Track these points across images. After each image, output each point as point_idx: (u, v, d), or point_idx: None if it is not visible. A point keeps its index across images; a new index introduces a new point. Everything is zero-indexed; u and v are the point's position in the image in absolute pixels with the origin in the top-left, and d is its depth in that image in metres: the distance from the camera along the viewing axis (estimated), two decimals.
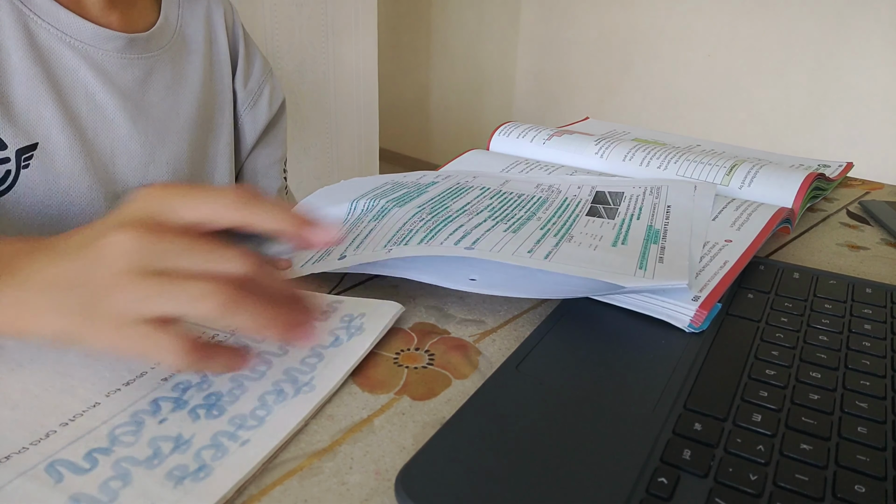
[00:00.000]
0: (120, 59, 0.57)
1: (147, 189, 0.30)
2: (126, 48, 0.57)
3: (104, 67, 0.55)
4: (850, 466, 0.27)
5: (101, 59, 0.55)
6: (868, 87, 1.94)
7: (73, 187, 0.54)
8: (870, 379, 0.33)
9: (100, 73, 0.55)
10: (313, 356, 0.35)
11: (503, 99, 2.92)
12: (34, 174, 0.52)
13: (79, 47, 0.54)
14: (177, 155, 0.61)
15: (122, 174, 0.57)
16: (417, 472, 0.26)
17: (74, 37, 0.54)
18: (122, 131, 0.57)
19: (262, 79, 0.71)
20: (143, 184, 0.59)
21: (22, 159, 0.51)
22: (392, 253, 0.42)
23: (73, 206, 0.54)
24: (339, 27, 1.76)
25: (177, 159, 0.61)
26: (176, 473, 0.26)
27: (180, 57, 0.62)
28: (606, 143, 0.65)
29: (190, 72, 0.63)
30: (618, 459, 0.27)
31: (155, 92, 0.60)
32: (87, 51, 0.54)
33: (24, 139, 0.51)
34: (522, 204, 0.51)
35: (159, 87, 0.60)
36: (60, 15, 0.53)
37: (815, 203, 0.67)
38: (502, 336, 0.39)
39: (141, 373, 0.33)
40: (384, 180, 0.58)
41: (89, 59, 0.54)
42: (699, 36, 2.24)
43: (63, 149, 0.53)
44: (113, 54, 0.56)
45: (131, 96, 0.57)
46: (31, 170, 0.52)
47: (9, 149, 0.50)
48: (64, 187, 0.53)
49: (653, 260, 0.41)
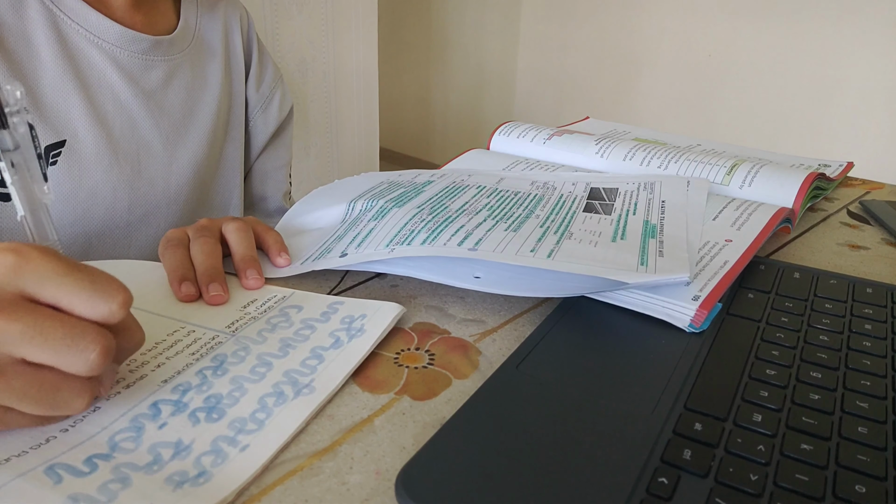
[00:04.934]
0: (144, 60, 0.57)
1: (16, 257, 0.27)
2: (150, 50, 0.58)
3: (129, 68, 0.56)
4: (851, 466, 0.27)
5: (127, 59, 0.56)
6: (868, 88, 1.93)
7: (98, 185, 0.55)
8: (870, 379, 0.33)
9: (125, 74, 0.56)
10: (313, 358, 0.35)
11: (503, 99, 2.92)
12: (61, 172, 0.52)
13: (106, 48, 0.55)
14: (196, 156, 0.62)
15: (146, 173, 0.58)
16: (417, 472, 0.26)
17: (102, 37, 0.54)
18: (145, 131, 0.58)
19: (273, 84, 0.72)
20: (168, 184, 0.60)
21: (50, 156, 0.52)
22: (395, 252, 0.42)
23: (97, 205, 0.55)
24: (339, 27, 1.76)
25: (196, 160, 0.62)
26: (175, 478, 0.26)
27: (200, 60, 0.63)
28: (607, 143, 0.65)
29: (209, 75, 0.64)
30: (618, 459, 0.27)
31: (176, 93, 0.60)
32: (113, 52, 0.55)
33: (52, 136, 0.52)
34: (519, 202, 0.51)
35: (180, 89, 0.61)
36: (90, 16, 0.54)
37: (816, 203, 0.67)
38: (502, 336, 0.39)
39: (141, 375, 0.33)
40: (380, 179, 0.58)
41: (115, 60, 0.55)
42: (699, 36, 2.24)
43: (90, 147, 0.54)
44: (138, 55, 0.57)
45: (154, 97, 0.58)
46: (58, 167, 0.52)
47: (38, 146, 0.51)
48: (90, 185, 0.54)
49: (653, 255, 0.41)
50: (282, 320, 0.39)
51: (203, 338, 0.37)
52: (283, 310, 0.40)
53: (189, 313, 0.39)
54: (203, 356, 0.35)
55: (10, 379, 0.26)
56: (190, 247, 0.44)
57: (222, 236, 0.46)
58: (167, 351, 0.35)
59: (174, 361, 0.34)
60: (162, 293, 0.41)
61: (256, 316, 0.39)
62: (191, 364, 0.34)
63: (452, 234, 0.44)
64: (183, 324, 0.38)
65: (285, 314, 0.39)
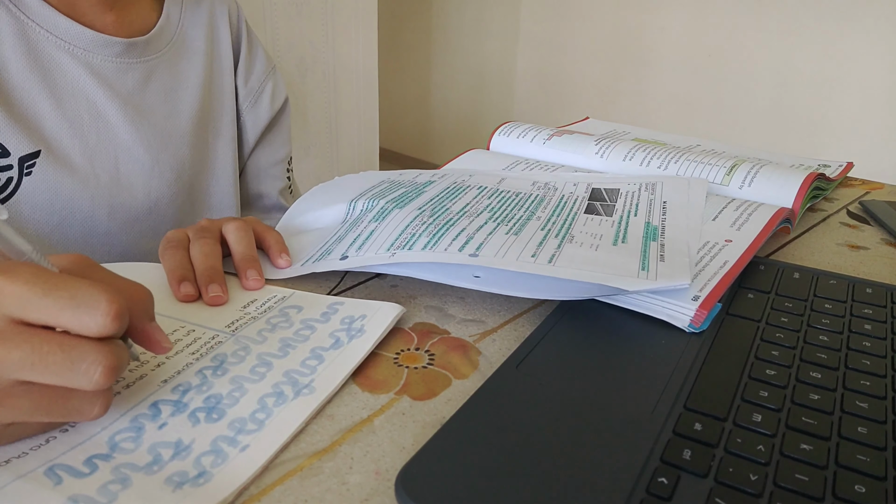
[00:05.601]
0: (119, 63, 0.56)
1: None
2: (125, 53, 0.56)
3: (103, 73, 0.55)
4: (851, 466, 0.27)
5: (100, 64, 0.55)
6: (868, 87, 1.93)
7: (75, 196, 0.53)
8: (870, 379, 0.33)
9: (99, 80, 0.55)
10: (313, 358, 0.35)
11: (503, 99, 2.92)
12: (36, 182, 0.51)
13: (78, 54, 0.53)
14: (180, 158, 0.61)
15: (126, 181, 0.57)
16: (417, 472, 0.26)
17: (73, 43, 0.53)
18: (124, 137, 0.57)
19: (264, 76, 0.70)
20: (149, 189, 0.59)
21: (25, 167, 0.51)
22: (395, 258, 0.42)
23: (75, 215, 0.54)
24: (339, 27, 1.76)
25: (180, 163, 0.61)
26: (175, 479, 0.26)
27: (179, 58, 0.62)
28: (606, 143, 0.65)
29: (190, 73, 0.62)
30: (618, 459, 0.27)
31: (154, 95, 0.59)
32: (86, 57, 0.54)
33: (27, 146, 0.51)
34: (521, 203, 0.51)
35: (158, 91, 0.59)
36: (59, 21, 0.52)
37: (816, 203, 0.67)
38: (502, 336, 0.39)
39: (141, 375, 0.33)
40: (380, 178, 0.58)
41: (88, 66, 0.54)
42: (699, 36, 2.24)
43: (65, 157, 0.53)
44: (112, 59, 0.55)
45: (131, 101, 0.57)
46: (33, 177, 0.51)
47: (12, 156, 0.50)
48: (66, 194, 0.53)
49: (654, 259, 0.41)
50: (282, 320, 0.39)
51: (203, 338, 0.37)
52: (283, 310, 0.40)
53: (189, 313, 0.39)
54: (203, 356, 0.35)
55: (15, 399, 0.26)
56: (190, 248, 0.44)
57: (222, 236, 0.46)
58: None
59: (174, 361, 0.34)
60: (162, 293, 0.41)
61: (256, 316, 0.39)
62: (191, 364, 0.34)
63: (453, 238, 0.44)
64: (183, 323, 0.38)
65: (285, 314, 0.40)
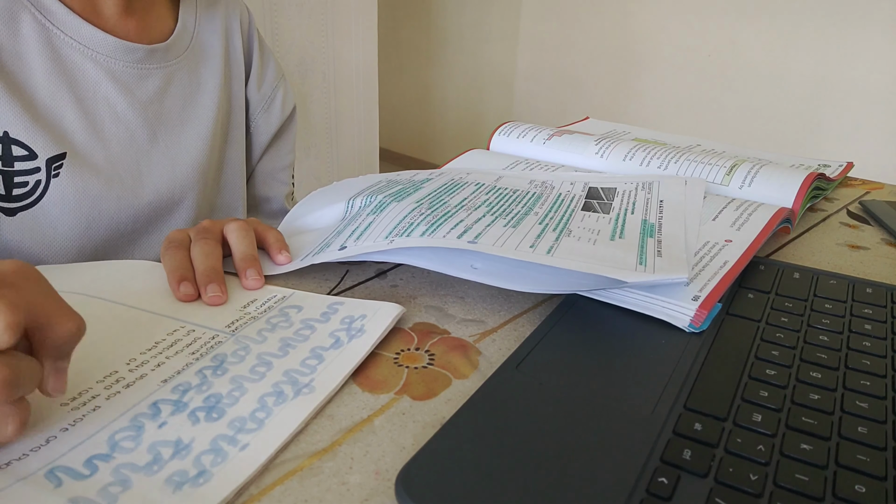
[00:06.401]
0: (139, 70, 0.57)
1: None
2: (145, 59, 0.57)
3: (124, 79, 0.56)
4: (851, 466, 0.27)
5: (122, 70, 0.56)
6: (868, 88, 1.93)
7: (102, 197, 0.54)
8: (870, 379, 0.33)
9: (120, 86, 0.55)
10: (313, 357, 0.35)
11: (503, 99, 2.92)
12: (64, 183, 0.52)
13: (101, 60, 0.54)
14: (199, 162, 0.62)
15: (149, 183, 0.58)
16: (417, 472, 0.26)
17: (96, 49, 0.54)
18: (144, 143, 0.57)
19: (275, 83, 0.72)
20: (172, 190, 0.59)
21: (52, 168, 0.51)
22: (394, 244, 0.42)
23: (102, 216, 0.55)
24: (339, 27, 1.76)
25: (199, 166, 0.62)
26: (175, 479, 0.26)
27: (197, 64, 0.63)
28: (606, 143, 0.65)
29: (207, 78, 0.63)
30: (618, 459, 0.27)
31: (173, 100, 0.60)
32: (108, 63, 0.55)
33: (53, 148, 0.51)
34: (518, 199, 0.51)
35: (177, 96, 0.60)
36: (83, 29, 0.53)
37: (816, 203, 0.67)
38: (502, 336, 0.39)
39: (141, 375, 0.33)
40: (378, 178, 0.59)
41: (110, 72, 0.55)
42: (699, 36, 2.24)
43: (90, 160, 0.54)
44: (133, 66, 0.56)
45: (151, 106, 0.58)
46: (60, 179, 0.52)
47: (39, 158, 0.51)
48: (93, 196, 0.54)
49: (651, 254, 0.41)
50: (282, 320, 0.39)
51: (203, 337, 0.37)
52: (283, 310, 0.40)
53: (189, 313, 0.39)
54: (203, 356, 0.35)
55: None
56: (191, 248, 0.44)
57: (224, 237, 0.46)
58: (167, 350, 0.35)
59: (174, 361, 0.34)
60: (162, 293, 0.41)
61: (256, 316, 0.39)
62: (191, 364, 0.34)
63: (452, 227, 0.44)
64: (183, 323, 0.38)
65: (285, 314, 0.40)
